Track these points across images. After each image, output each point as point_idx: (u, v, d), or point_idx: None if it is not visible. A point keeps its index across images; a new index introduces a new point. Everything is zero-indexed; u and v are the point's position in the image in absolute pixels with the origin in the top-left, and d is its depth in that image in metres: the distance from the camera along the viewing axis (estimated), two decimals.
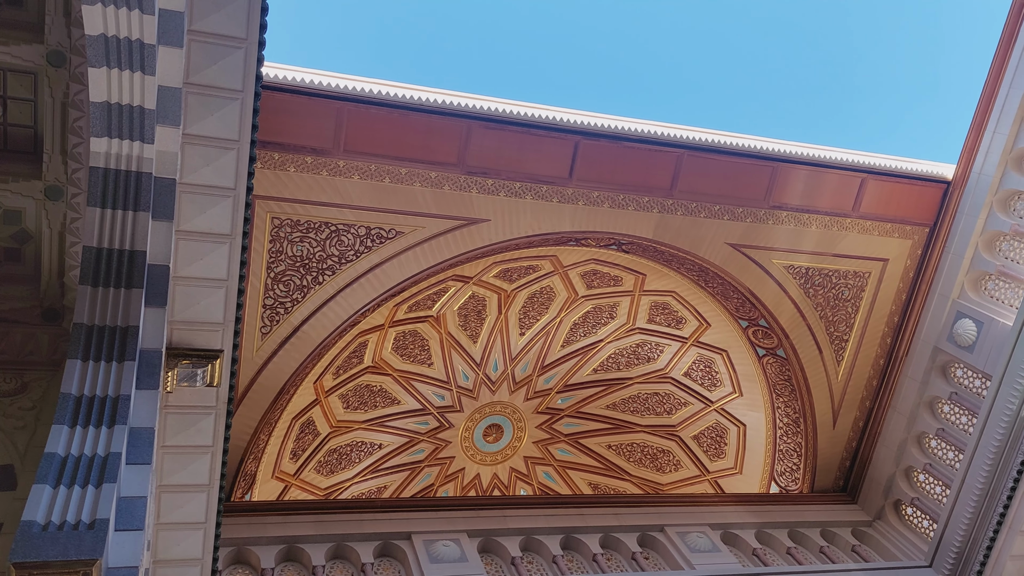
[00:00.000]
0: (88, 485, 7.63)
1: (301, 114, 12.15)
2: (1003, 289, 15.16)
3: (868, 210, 15.40)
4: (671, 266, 15.72)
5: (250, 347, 13.25)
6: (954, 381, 15.80)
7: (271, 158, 12.22)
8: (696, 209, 14.50)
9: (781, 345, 16.31)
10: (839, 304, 16.15)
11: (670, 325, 17.48)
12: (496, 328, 17.04)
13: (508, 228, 13.82)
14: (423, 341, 16.97)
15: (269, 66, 11.81)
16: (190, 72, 9.29)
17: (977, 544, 14.58)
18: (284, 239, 12.87)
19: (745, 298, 15.77)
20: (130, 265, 9.10)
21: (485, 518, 14.73)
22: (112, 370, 8.70)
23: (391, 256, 13.40)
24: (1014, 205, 15.03)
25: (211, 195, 9.84)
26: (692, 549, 14.84)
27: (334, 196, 12.77)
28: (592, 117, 13.58)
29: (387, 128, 12.60)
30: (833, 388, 16.69)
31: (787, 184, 14.77)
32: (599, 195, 13.98)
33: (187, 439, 10.70)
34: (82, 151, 10.18)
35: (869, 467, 17.04)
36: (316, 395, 16.13)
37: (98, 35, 8.01)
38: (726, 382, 17.88)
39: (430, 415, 18.09)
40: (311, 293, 13.28)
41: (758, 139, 14.52)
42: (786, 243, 15.27)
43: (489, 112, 12.94)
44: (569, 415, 19.12)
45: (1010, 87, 14.64)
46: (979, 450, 14.51)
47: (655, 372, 18.32)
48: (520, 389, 18.29)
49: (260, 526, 13.46)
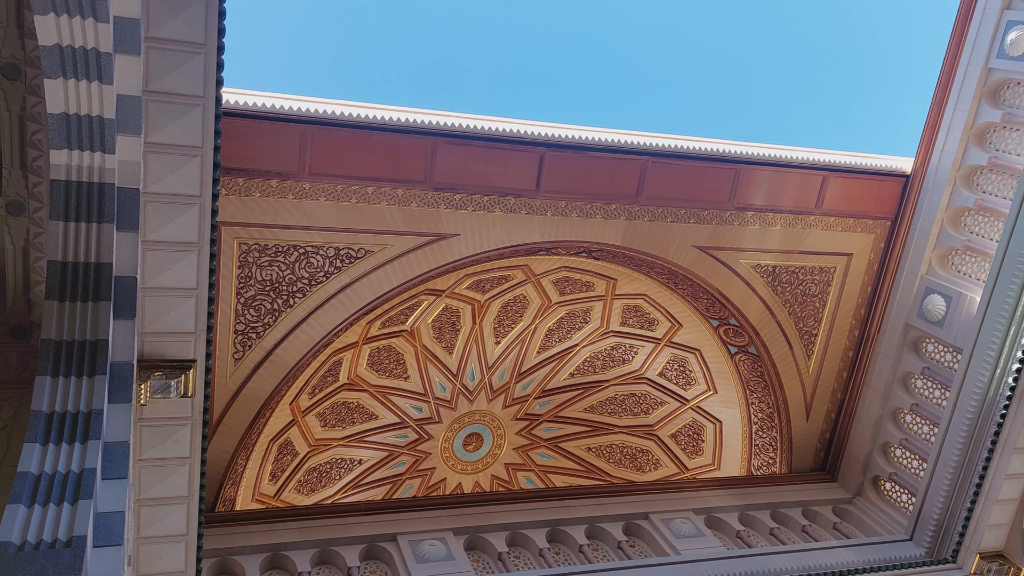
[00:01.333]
0: (64, 502, 7.52)
1: (264, 139, 12.10)
2: (970, 263, 15.41)
3: (831, 207, 15.72)
4: (641, 270, 15.91)
5: (223, 373, 13.23)
6: (926, 356, 16.04)
7: (236, 184, 12.17)
8: (663, 214, 14.73)
9: (752, 342, 16.56)
10: (807, 300, 16.43)
11: (643, 327, 17.66)
12: (471, 338, 17.06)
13: (478, 242, 13.91)
14: (398, 355, 16.94)
15: (230, 92, 11.68)
16: (149, 80, 9.17)
17: (955, 516, 14.82)
18: (252, 264, 12.84)
19: (715, 298, 16.00)
20: (97, 278, 8.97)
21: (470, 515, 14.73)
22: (83, 385, 8.58)
23: (361, 275, 13.43)
24: (977, 180, 15.27)
25: (177, 203, 9.73)
26: (677, 535, 14.95)
27: (301, 219, 12.76)
28: (556, 128, 13.73)
29: (352, 149, 12.61)
30: (805, 382, 17.02)
31: (751, 185, 15.03)
32: (567, 205, 14.13)
33: (164, 451, 10.58)
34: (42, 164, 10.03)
35: (847, 445, 17.26)
36: (293, 415, 16.05)
37: (52, 45, 7.88)
38: (700, 380, 18.09)
39: (409, 428, 18.06)
40: (282, 316, 13.28)
41: (721, 142, 14.76)
42: (752, 243, 15.56)
43: (454, 128, 13.02)
44: (548, 420, 19.18)
45: (970, 57, 14.83)
46: (953, 423, 14.75)
47: (631, 373, 18.47)
48: (498, 397, 18.33)
49: (243, 535, 13.36)
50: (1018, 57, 14.18)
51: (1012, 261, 13.75)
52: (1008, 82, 14.60)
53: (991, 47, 14.52)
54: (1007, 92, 14.67)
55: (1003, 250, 13.88)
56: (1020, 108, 14.46)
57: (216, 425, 13.37)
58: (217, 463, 13.63)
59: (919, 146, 15.77)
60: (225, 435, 13.53)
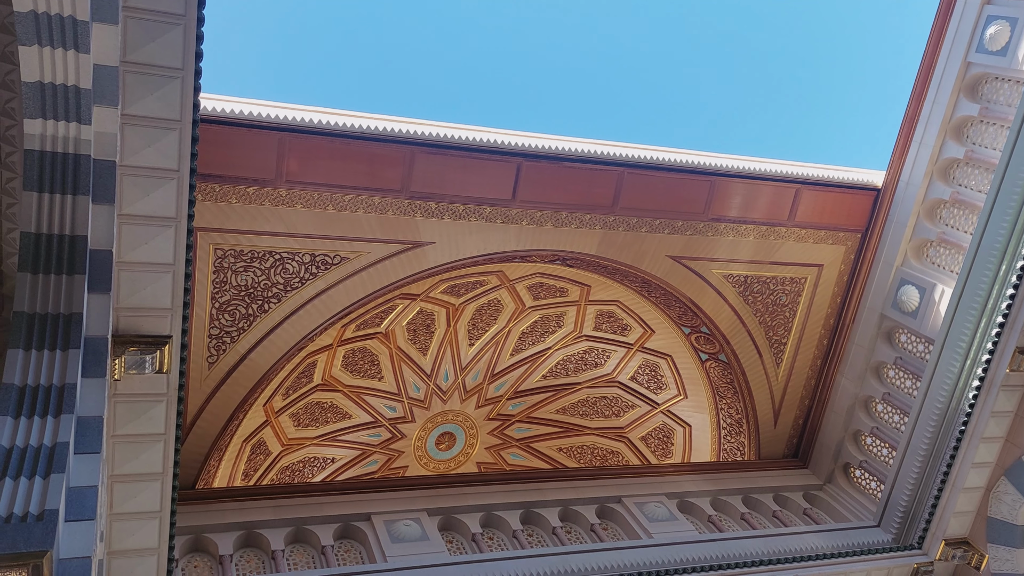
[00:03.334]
0: (35, 476, 7.44)
1: (242, 146, 12.02)
2: (944, 256, 15.61)
3: (803, 219, 15.93)
4: (615, 278, 16.05)
5: (197, 377, 13.20)
6: (899, 346, 16.26)
7: (212, 190, 12.11)
8: (638, 224, 14.84)
9: (723, 350, 16.78)
10: (777, 309, 16.67)
11: (616, 332, 17.80)
12: (446, 340, 17.10)
13: (453, 250, 13.95)
14: (373, 356, 16.93)
15: (207, 98, 11.52)
16: (127, 50, 9.01)
17: (923, 503, 15.09)
18: (228, 269, 12.80)
19: (687, 307, 16.19)
20: (71, 250, 8.85)
21: (444, 496, 14.79)
22: (56, 359, 8.48)
23: (337, 282, 13.43)
24: (953, 173, 15.44)
25: (154, 177, 9.60)
26: (650, 518, 15.09)
27: (277, 225, 12.71)
28: (534, 139, 13.77)
29: (329, 157, 12.58)
30: (774, 389, 17.30)
31: (725, 197, 15.19)
32: (542, 215, 14.22)
33: (138, 427, 10.50)
34: (16, 134, 9.83)
35: (819, 432, 17.49)
36: (266, 416, 16.01)
37: (27, 12, 7.72)
38: (671, 385, 18.28)
39: (382, 427, 18.07)
40: (257, 321, 13.26)
41: (696, 154, 14.88)
42: (725, 253, 15.73)
43: (432, 138, 13.01)
44: (520, 420, 19.27)
45: (950, 51, 14.95)
46: (923, 412, 14.99)
47: (603, 377, 18.61)
48: (471, 397, 18.39)
49: (218, 513, 13.32)
50: (997, 52, 14.32)
51: (985, 254, 13.94)
52: (987, 76, 14.74)
53: (971, 41, 14.64)
54: (985, 87, 14.82)
55: (976, 243, 14.07)
56: (998, 103, 14.62)
57: (189, 428, 13.37)
58: (190, 466, 13.60)
59: (897, 137, 15.87)
60: (198, 437, 13.54)
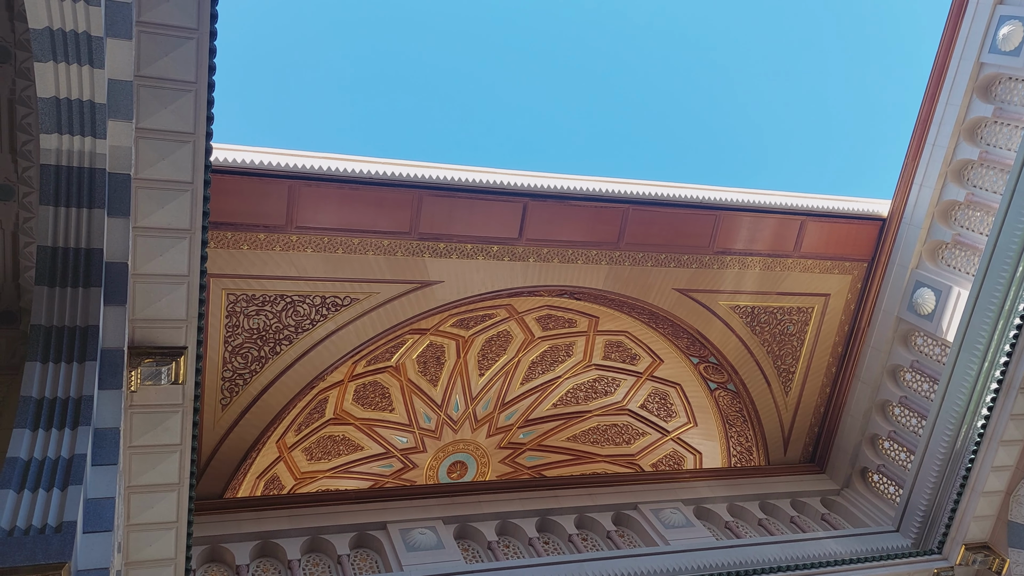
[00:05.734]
0: (53, 488, 7.50)
1: (252, 195, 12.22)
2: (959, 258, 15.49)
3: (809, 250, 15.95)
4: (622, 310, 16.10)
5: (210, 419, 13.35)
6: (915, 350, 16.13)
7: (224, 237, 12.29)
8: (643, 259, 14.92)
9: (731, 380, 16.79)
10: (785, 339, 16.68)
11: (625, 361, 17.81)
12: (456, 371, 17.16)
13: (461, 288, 14.07)
14: (384, 389, 16.99)
15: (218, 148, 11.65)
16: (141, 64, 9.10)
17: (942, 507, 14.94)
18: (240, 313, 12.96)
19: (694, 338, 16.21)
20: (87, 263, 8.93)
21: (460, 504, 14.77)
22: (73, 371, 8.54)
23: (347, 322, 13.59)
24: (967, 175, 15.34)
25: (168, 189, 9.68)
26: (666, 525, 15.02)
27: (288, 269, 12.88)
28: (539, 178, 13.90)
29: (339, 202, 12.75)
30: (783, 417, 17.30)
31: (730, 230, 15.22)
32: (549, 251, 14.33)
33: (154, 438, 10.56)
34: (32, 149, 9.96)
35: (836, 437, 17.37)
36: (279, 452, 16.10)
37: (43, 28, 7.82)
38: (681, 413, 18.26)
39: (394, 458, 18.09)
40: (269, 363, 13.42)
41: (700, 188, 14.93)
42: (731, 285, 15.75)
43: (439, 181, 13.16)
44: (531, 448, 19.25)
45: (962, 52, 14.87)
46: (941, 416, 14.85)
47: (613, 405, 18.60)
48: (482, 426, 18.41)
49: (234, 523, 13.35)
50: (1010, 52, 14.22)
51: (1001, 255, 13.82)
52: (1000, 77, 14.65)
53: (983, 42, 14.56)
54: (999, 87, 14.72)
55: (992, 244, 13.96)
56: (1012, 103, 14.52)
57: (203, 470, 13.50)
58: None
59: (911, 139, 15.80)
60: (212, 478, 13.67)
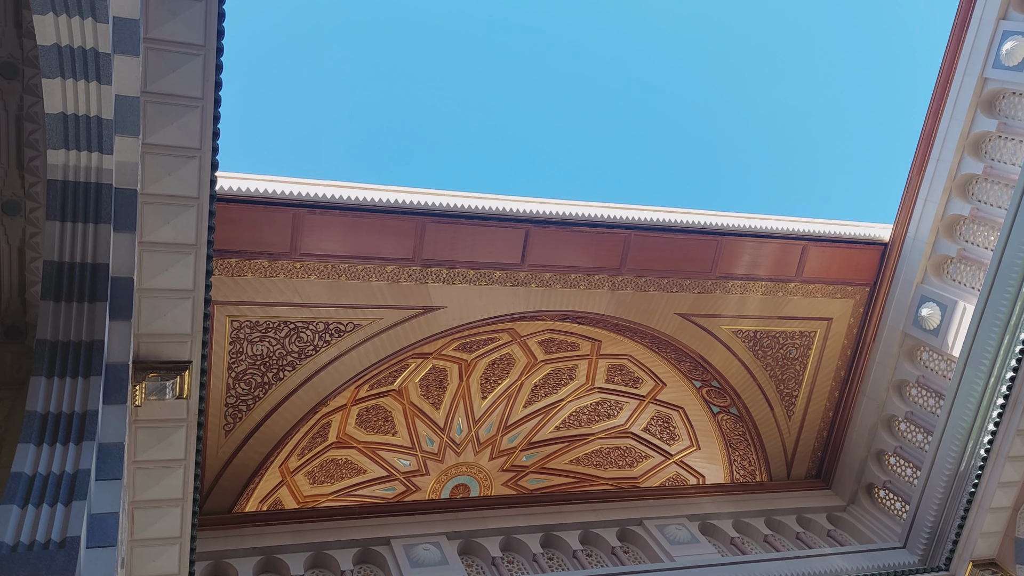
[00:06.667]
0: (57, 503, 7.49)
1: (257, 223, 12.30)
2: (965, 273, 15.46)
3: (811, 274, 15.96)
4: (625, 335, 16.12)
5: (214, 446, 13.38)
6: (921, 364, 16.07)
7: (228, 265, 12.37)
8: (645, 284, 14.97)
9: (734, 404, 16.77)
10: (787, 363, 16.68)
11: (627, 385, 17.79)
12: (458, 394, 17.16)
13: (464, 313, 14.13)
14: (386, 413, 16.99)
15: (222, 176, 11.75)
16: (148, 80, 9.17)
17: (949, 523, 14.84)
18: (244, 340, 13.02)
19: (697, 362, 16.22)
20: (93, 278, 8.94)
21: (464, 520, 14.72)
22: (78, 386, 8.55)
23: (350, 348, 13.64)
24: (972, 190, 15.33)
25: (174, 205, 9.73)
26: (671, 541, 14.94)
27: (292, 296, 12.94)
28: (541, 204, 13.98)
29: (342, 229, 12.83)
30: (786, 441, 17.27)
31: (732, 256, 15.25)
32: (551, 277, 14.39)
33: (158, 453, 10.56)
34: (39, 164, 10.01)
35: (842, 452, 17.28)
36: (282, 476, 16.08)
37: (51, 45, 7.87)
38: (684, 436, 18.22)
39: (396, 480, 18.06)
40: (272, 389, 13.47)
41: (702, 213, 14.98)
42: (734, 309, 15.78)
43: (441, 208, 13.24)
44: (534, 471, 19.19)
45: (966, 67, 14.88)
46: (947, 431, 14.78)
47: (615, 428, 18.55)
48: (485, 449, 18.39)
49: (237, 538, 13.31)
50: (1014, 67, 14.24)
51: (1007, 270, 13.79)
52: (1004, 92, 14.67)
53: (987, 57, 14.58)
54: (1002, 102, 14.74)
55: (998, 258, 13.94)
56: (1016, 118, 14.53)
57: (206, 496, 13.51)
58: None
59: (914, 156, 15.80)
60: (214, 504, 13.67)
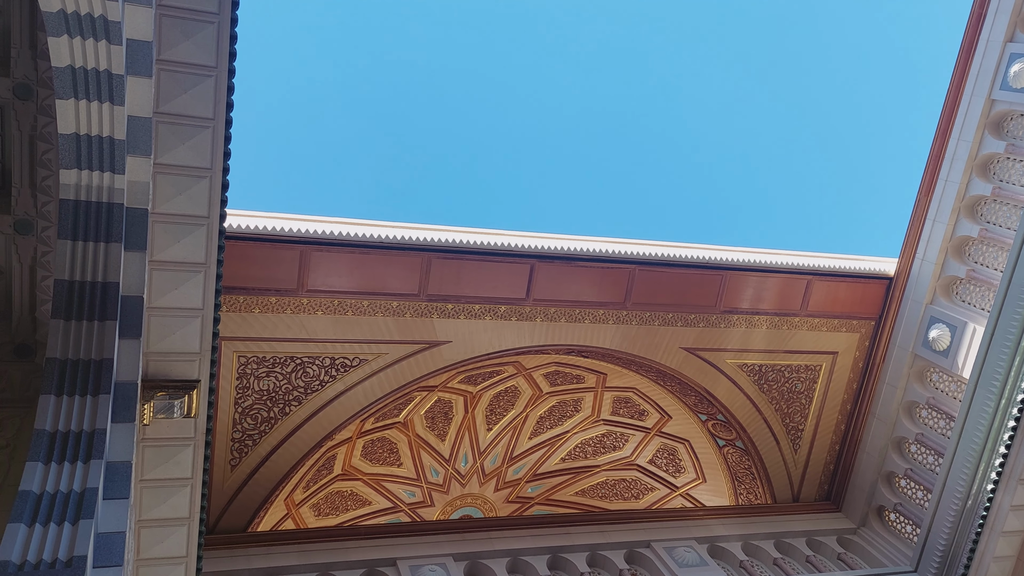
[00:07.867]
0: (65, 522, 7.48)
1: (264, 260, 12.46)
2: (974, 294, 15.39)
3: (816, 308, 15.98)
4: (630, 368, 16.16)
5: (220, 480, 13.42)
6: (931, 386, 15.97)
7: (236, 301, 12.49)
8: (650, 318, 15.01)
9: (740, 437, 16.76)
10: (793, 396, 16.66)
11: (633, 417, 17.80)
12: (464, 426, 17.19)
13: (469, 348, 14.20)
14: (392, 445, 17.04)
15: (231, 214, 11.85)
16: (160, 101, 9.26)
17: (961, 547, 14.68)
18: (251, 375, 13.11)
19: (702, 395, 16.22)
20: (103, 297, 8.99)
21: (471, 541, 14.62)
22: (87, 404, 8.56)
23: (356, 383, 13.71)
24: (981, 211, 15.30)
25: (185, 224, 9.79)
26: (679, 564, 14.80)
27: (299, 332, 13.05)
28: (546, 239, 14.09)
29: (349, 266, 12.96)
30: (792, 474, 17.23)
31: (737, 290, 15.30)
32: (556, 311, 14.44)
33: (166, 472, 10.55)
34: (51, 184, 10.09)
35: (852, 475, 17.14)
36: (287, 509, 16.12)
37: (65, 67, 7.98)
38: (690, 469, 18.17)
39: (401, 512, 18.05)
40: (278, 424, 13.53)
41: (707, 248, 15.05)
42: (738, 343, 15.78)
43: (447, 244, 13.34)
44: (539, 503, 19.16)
45: (973, 89, 14.91)
46: (958, 453, 14.65)
47: (621, 460, 18.54)
48: (490, 480, 18.38)
49: (243, 558, 13.26)
50: (1021, 89, 14.26)
51: (1017, 290, 13.73)
52: (1012, 113, 14.68)
53: (994, 79, 14.62)
54: (1010, 123, 14.74)
55: (1007, 279, 13.88)
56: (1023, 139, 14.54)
57: (212, 530, 13.51)
58: None
59: (923, 176, 15.79)
60: (220, 538, 13.58)
